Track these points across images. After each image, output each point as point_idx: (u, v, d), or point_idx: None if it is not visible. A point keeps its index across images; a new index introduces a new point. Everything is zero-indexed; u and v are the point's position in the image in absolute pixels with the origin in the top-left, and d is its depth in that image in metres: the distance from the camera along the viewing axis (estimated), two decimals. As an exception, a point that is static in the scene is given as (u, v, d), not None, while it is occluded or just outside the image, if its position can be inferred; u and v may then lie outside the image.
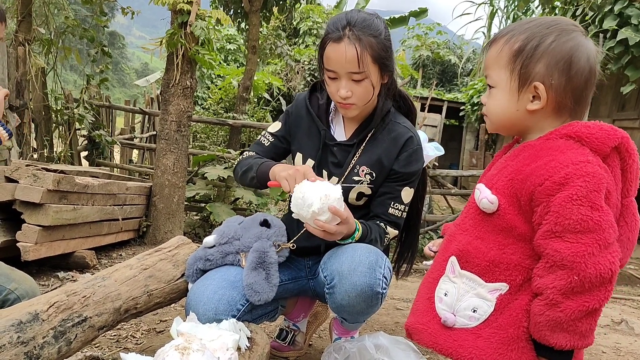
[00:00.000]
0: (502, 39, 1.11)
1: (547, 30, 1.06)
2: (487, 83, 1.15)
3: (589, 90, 1.07)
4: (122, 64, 37.40)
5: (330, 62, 1.52)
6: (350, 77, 1.52)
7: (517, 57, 1.07)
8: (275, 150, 1.79)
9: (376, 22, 1.52)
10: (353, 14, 1.53)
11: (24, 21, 4.55)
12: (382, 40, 1.52)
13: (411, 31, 20.38)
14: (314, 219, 1.41)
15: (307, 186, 1.42)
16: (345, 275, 1.46)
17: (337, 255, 1.53)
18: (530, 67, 1.06)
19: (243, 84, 7.52)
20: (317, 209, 1.39)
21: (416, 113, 1.81)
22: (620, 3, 5.58)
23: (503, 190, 1.08)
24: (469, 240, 1.13)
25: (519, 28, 1.09)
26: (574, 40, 1.05)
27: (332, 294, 1.52)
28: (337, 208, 1.40)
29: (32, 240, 2.81)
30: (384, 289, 1.48)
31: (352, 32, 1.48)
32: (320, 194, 1.39)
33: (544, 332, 1.00)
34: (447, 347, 1.12)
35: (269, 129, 1.81)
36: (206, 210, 4.80)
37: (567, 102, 1.06)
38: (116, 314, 1.45)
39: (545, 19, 1.10)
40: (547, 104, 1.06)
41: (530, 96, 1.07)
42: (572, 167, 0.98)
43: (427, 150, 1.79)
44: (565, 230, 0.97)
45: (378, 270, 1.46)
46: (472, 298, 1.11)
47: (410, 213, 1.79)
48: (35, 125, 5.02)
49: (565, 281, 0.96)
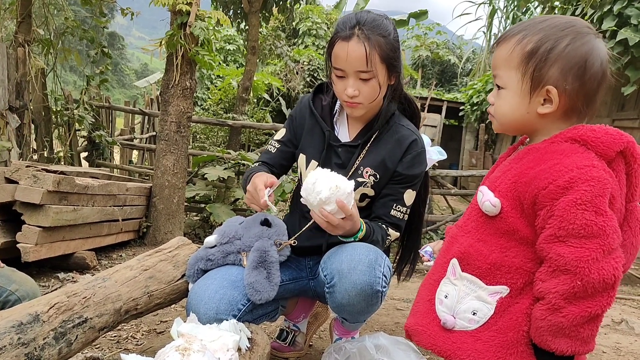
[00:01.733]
0: (513, 38, 1.07)
1: (562, 33, 1.03)
2: (496, 83, 1.12)
3: (600, 94, 1.06)
4: (121, 65, 37.41)
5: (338, 61, 1.53)
6: (357, 76, 1.52)
7: (529, 59, 1.04)
8: (283, 155, 1.79)
9: (385, 22, 1.53)
10: (363, 14, 1.54)
11: (24, 22, 4.55)
12: (390, 40, 1.52)
13: (410, 31, 20.38)
14: (320, 207, 1.42)
15: (321, 174, 1.44)
16: (345, 273, 1.46)
17: (336, 254, 1.53)
18: (544, 70, 1.03)
19: (242, 85, 7.52)
20: (325, 197, 1.40)
21: (420, 117, 1.82)
22: (620, 3, 5.57)
23: (506, 193, 1.07)
24: (471, 242, 1.13)
25: (532, 28, 1.06)
26: (588, 44, 1.02)
27: (332, 293, 1.52)
28: (344, 202, 1.40)
29: (32, 241, 2.81)
30: (384, 287, 1.49)
31: (361, 31, 1.49)
32: (331, 184, 1.40)
33: (546, 337, 0.99)
34: (446, 349, 1.11)
35: (275, 137, 1.82)
36: (206, 210, 4.80)
37: (578, 105, 1.04)
38: (117, 315, 1.45)
39: (559, 20, 1.06)
40: (558, 108, 1.04)
41: (541, 99, 1.05)
42: (576, 171, 0.97)
43: (431, 154, 1.79)
44: (569, 235, 0.96)
45: (378, 268, 1.47)
46: (473, 301, 1.10)
47: (412, 216, 1.79)
48: (35, 126, 5.02)
49: (568, 286, 0.95)
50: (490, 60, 1.21)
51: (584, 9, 6.07)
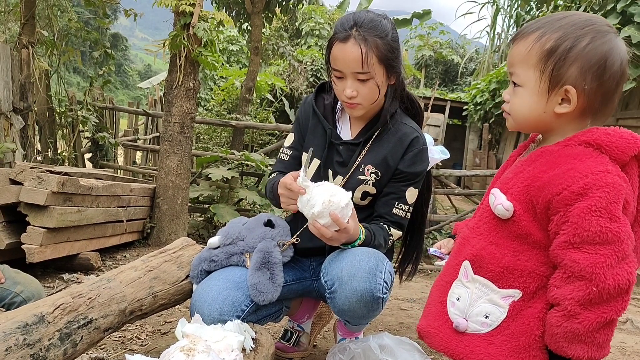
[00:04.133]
0: (531, 35, 1.04)
1: (582, 31, 1.00)
2: (512, 80, 1.10)
3: (618, 93, 1.04)
4: (125, 66, 37.47)
5: (336, 62, 1.53)
6: (355, 77, 1.52)
7: (548, 57, 1.01)
8: (297, 161, 1.78)
9: (384, 22, 1.53)
10: (361, 14, 1.53)
11: (27, 24, 4.56)
12: (388, 41, 1.52)
13: (414, 31, 20.36)
14: (314, 219, 1.42)
15: (316, 187, 1.43)
16: (346, 280, 1.46)
17: (337, 260, 1.52)
18: (563, 69, 1.00)
19: (246, 85, 7.53)
20: (317, 212, 1.40)
21: (423, 116, 1.81)
22: (623, 1, 5.56)
23: (519, 197, 1.06)
24: (483, 245, 1.12)
25: (551, 25, 1.03)
26: (608, 43, 1.00)
27: (333, 299, 1.52)
28: (337, 216, 1.39)
29: (37, 243, 2.82)
30: (384, 294, 1.48)
31: (358, 33, 1.48)
32: (324, 197, 1.39)
33: (561, 343, 0.99)
34: (458, 352, 1.11)
35: (285, 144, 1.82)
36: (210, 211, 4.81)
37: (595, 105, 1.03)
38: (121, 316, 1.46)
39: (578, 17, 1.04)
40: (576, 108, 1.02)
41: (559, 99, 1.03)
42: (591, 177, 0.96)
43: (433, 153, 1.79)
44: (584, 241, 0.95)
45: (378, 275, 1.46)
46: (485, 304, 1.10)
47: (415, 215, 1.78)
48: (39, 128, 5.04)
49: (584, 292, 0.94)
50: (494, 59, 1.20)
51: (587, 7, 6.05)
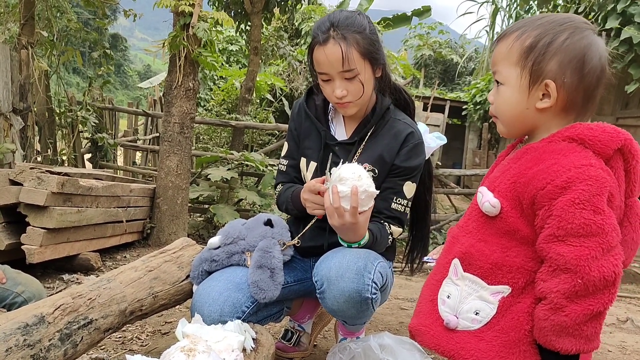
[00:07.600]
0: (512, 34, 1.08)
1: (560, 28, 1.04)
2: (495, 79, 1.12)
3: (599, 90, 1.06)
4: (124, 66, 37.43)
5: (320, 65, 1.54)
6: (342, 77, 1.53)
7: (528, 53, 1.04)
8: (295, 169, 1.78)
9: (359, 18, 1.54)
10: (335, 14, 1.54)
11: (27, 24, 4.56)
12: (367, 35, 1.53)
13: (413, 31, 20.35)
14: (335, 183, 1.41)
15: (353, 164, 1.46)
16: (333, 281, 1.46)
17: (327, 260, 1.52)
18: (543, 64, 1.03)
19: (245, 85, 7.52)
20: (344, 176, 1.40)
21: (414, 105, 1.80)
22: (623, 2, 5.56)
23: (505, 194, 1.07)
24: (472, 242, 1.13)
25: (531, 24, 1.07)
26: (587, 38, 1.03)
27: (323, 299, 1.52)
28: (357, 190, 1.38)
29: (36, 243, 2.82)
30: (373, 294, 1.47)
31: (336, 32, 1.49)
32: (356, 171, 1.41)
33: (550, 337, 0.99)
34: (449, 349, 1.12)
35: (282, 154, 1.83)
36: (210, 211, 4.81)
37: (577, 100, 1.05)
38: (121, 316, 1.45)
39: (557, 16, 1.07)
40: (557, 103, 1.05)
41: (540, 94, 1.05)
42: (574, 170, 0.97)
43: (428, 142, 1.78)
44: (568, 234, 0.96)
45: (367, 275, 1.45)
46: (475, 300, 1.11)
47: (418, 205, 1.79)
48: (39, 128, 5.04)
49: (569, 285, 0.95)
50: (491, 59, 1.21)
51: (587, 8, 6.05)
